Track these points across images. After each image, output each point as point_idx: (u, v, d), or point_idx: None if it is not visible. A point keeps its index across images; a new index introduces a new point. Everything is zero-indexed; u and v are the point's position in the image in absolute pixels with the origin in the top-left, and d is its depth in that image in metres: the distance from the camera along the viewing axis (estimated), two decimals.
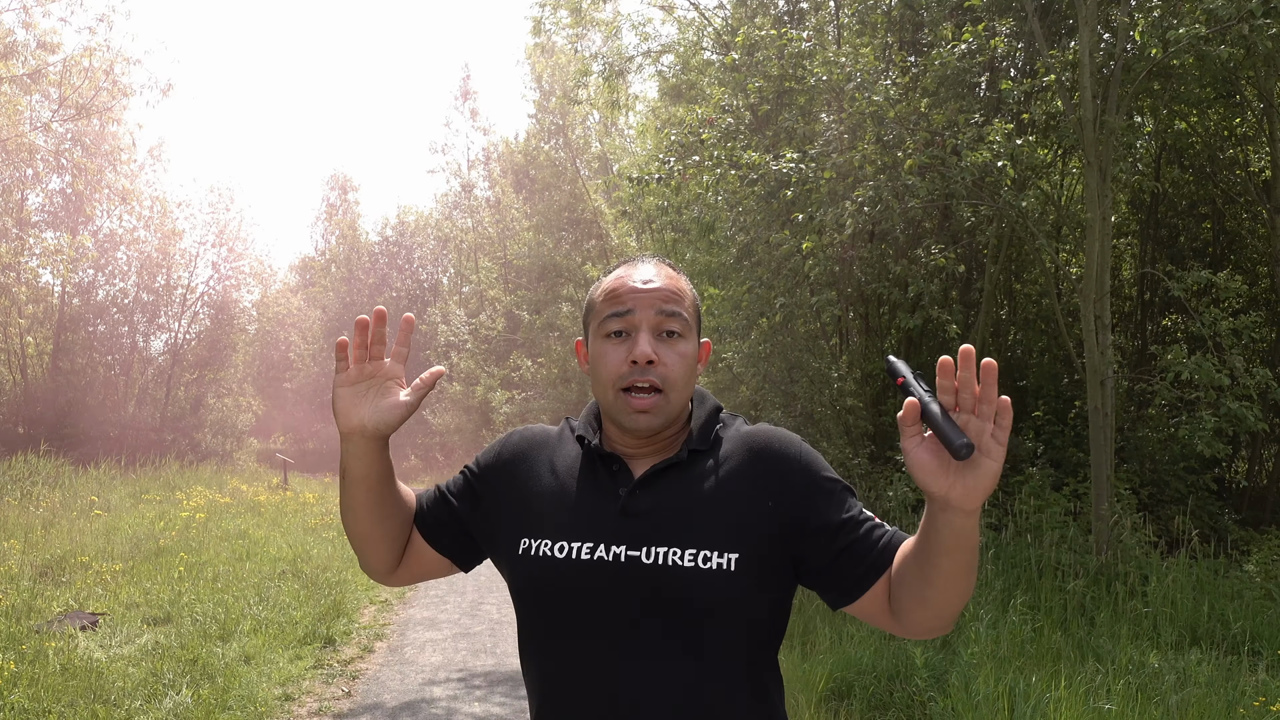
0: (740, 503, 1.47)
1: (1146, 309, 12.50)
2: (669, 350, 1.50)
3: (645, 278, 1.53)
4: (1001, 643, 5.88)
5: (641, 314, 1.50)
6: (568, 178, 23.93)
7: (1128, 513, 7.92)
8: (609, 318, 1.52)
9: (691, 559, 1.42)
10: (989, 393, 1.08)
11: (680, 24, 14.92)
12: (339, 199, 44.49)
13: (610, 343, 1.51)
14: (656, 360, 1.47)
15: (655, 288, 1.52)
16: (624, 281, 1.54)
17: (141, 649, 6.13)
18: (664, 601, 1.42)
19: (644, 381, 1.48)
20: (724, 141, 9.83)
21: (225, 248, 26.69)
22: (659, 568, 1.42)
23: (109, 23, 16.03)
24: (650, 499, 1.49)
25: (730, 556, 1.42)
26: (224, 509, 13.48)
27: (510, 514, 1.58)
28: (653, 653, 1.42)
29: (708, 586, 1.41)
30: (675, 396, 1.50)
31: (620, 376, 1.49)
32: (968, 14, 9.11)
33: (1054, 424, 10.34)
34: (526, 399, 23.04)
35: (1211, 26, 7.15)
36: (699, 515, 1.46)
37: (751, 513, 1.46)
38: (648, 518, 1.47)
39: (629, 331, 1.51)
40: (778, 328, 9.78)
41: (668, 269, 1.58)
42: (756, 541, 1.44)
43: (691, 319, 1.55)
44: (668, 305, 1.51)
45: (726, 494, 1.48)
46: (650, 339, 1.49)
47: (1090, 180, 8.07)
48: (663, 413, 1.49)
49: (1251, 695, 5.13)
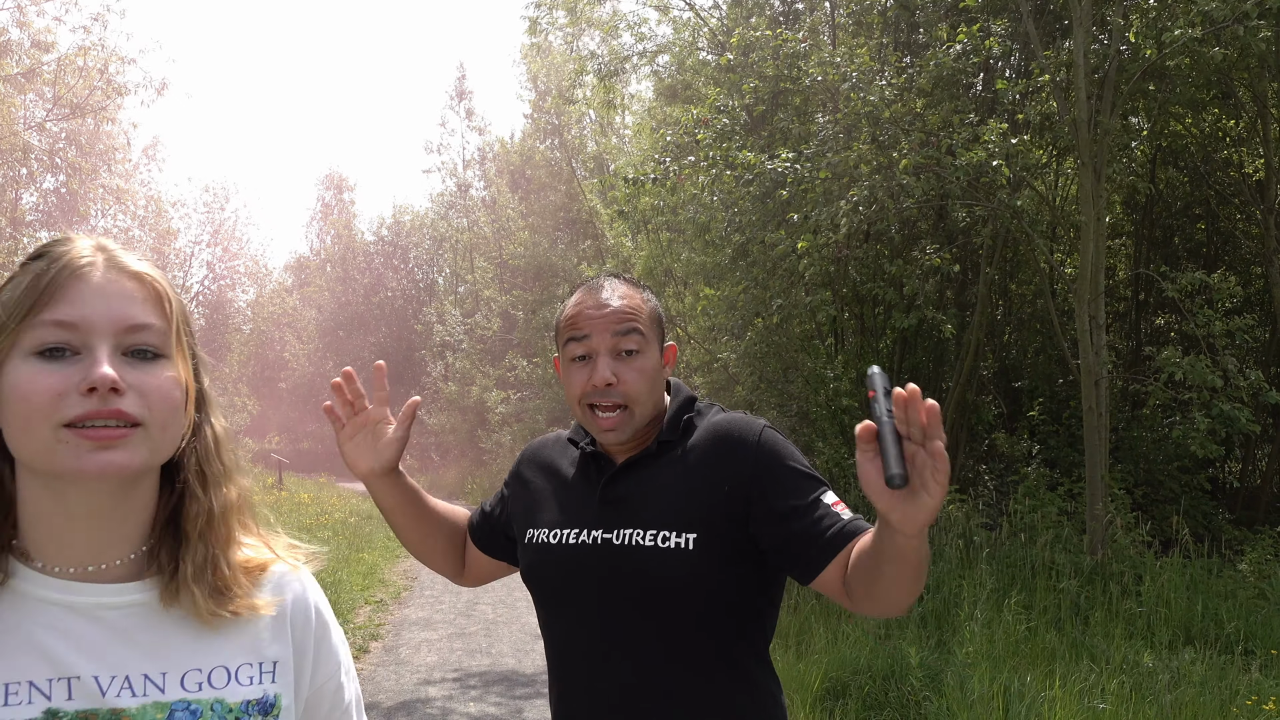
0: (701, 486, 1.59)
1: (1141, 309, 12.53)
2: (628, 368, 1.62)
3: (600, 302, 1.65)
4: (996, 642, 5.90)
5: (598, 338, 1.62)
6: (563, 178, 23.94)
7: (1122, 512, 7.94)
8: (569, 342, 1.66)
9: (652, 539, 1.56)
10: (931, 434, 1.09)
11: (676, 24, 14.93)
12: (334, 199, 44.46)
13: (574, 365, 1.65)
14: (616, 381, 1.60)
15: (610, 310, 1.63)
16: (581, 309, 1.66)
17: None
18: (629, 577, 1.57)
19: (607, 402, 1.61)
20: (719, 142, 9.84)
21: (220, 247, 26.70)
22: (626, 548, 1.58)
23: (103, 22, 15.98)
24: (624, 487, 1.65)
25: (689, 536, 1.54)
26: None
27: (523, 511, 1.78)
28: (627, 627, 1.57)
29: (666, 564, 1.54)
30: (639, 409, 1.63)
31: (585, 394, 1.63)
32: (963, 14, 9.13)
33: (1049, 424, 10.36)
34: (522, 399, 23.03)
35: (1206, 28, 7.17)
36: (663, 499, 1.60)
37: (711, 495, 1.57)
38: (620, 504, 1.63)
39: (589, 355, 1.63)
40: (773, 328, 9.79)
41: (624, 287, 1.69)
42: (715, 522, 1.55)
43: (650, 332, 1.66)
44: (622, 325, 1.62)
45: (689, 479, 1.60)
46: (609, 361, 1.61)
47: (1085, 181, 8.09)
48: (628, 426, 1.62)
49: (1245, 694, 5.15)
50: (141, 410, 0.88)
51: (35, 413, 0.85)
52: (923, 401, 1.07)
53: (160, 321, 0.92)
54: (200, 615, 0.95)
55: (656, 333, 1.69)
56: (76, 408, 0.85)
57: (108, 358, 0.87)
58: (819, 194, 8.36)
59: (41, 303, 0.87)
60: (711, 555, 1.54)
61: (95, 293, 0.89)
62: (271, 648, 1.00)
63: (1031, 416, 10.48)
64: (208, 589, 0.96)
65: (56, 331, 0.87)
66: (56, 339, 0.87)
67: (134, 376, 0.89)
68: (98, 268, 0.91)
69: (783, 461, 1.57)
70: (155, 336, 0.92)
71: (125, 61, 18.76)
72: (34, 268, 0.90)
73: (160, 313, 0.93)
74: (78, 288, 0.89)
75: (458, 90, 34.81)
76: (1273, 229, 9.78)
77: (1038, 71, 8.47)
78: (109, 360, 0.87)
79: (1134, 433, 9.88)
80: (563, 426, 10.37)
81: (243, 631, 0.99)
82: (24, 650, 0.88)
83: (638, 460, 1.66)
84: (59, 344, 0.87)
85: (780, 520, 1.52)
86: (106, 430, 0.86)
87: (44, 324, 0.87)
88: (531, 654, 6.68)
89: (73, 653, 0.89)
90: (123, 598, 0.94)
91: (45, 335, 0.87)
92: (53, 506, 0.91)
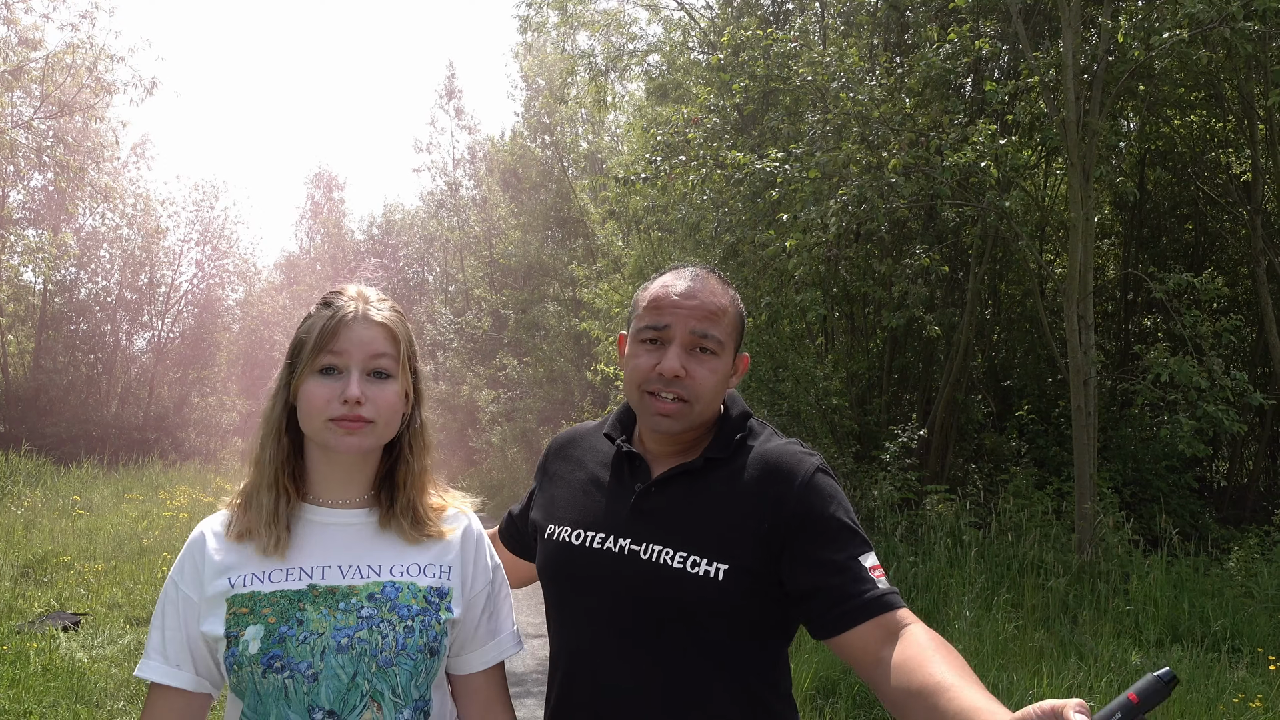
0: (740, 517, 1.51)
1: (1129, 309, 12.59)
2: (699, 365, 1.57)
3: (689, 291, 1.59)
4: (985, 641, 5.92)
5: (677, 328, 1.57)
6: (554, 176, 23.90)
7: (1110, 511, 7.98)
8: (646, 325, 1.60)
9: (681, 561, 1.50)
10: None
11: (667, 24, 14.94)
12: (324, 197, 44.31)
13: (644, 347, 1.60)
14: (684, 375, 1.55)
15: (696, 303, 1.58)
16: (667, 292, 1.60)
17: (124, 649, 6.10)
18: (651, 596, 1.51)
19: (669, 392, 1.56)
20: (710, 141, 9.84)
21: (209, 245, 26.57)
22: (652, 565, 1.51)
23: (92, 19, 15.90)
24: (661, 499, 1.58)
25: (720, 566, 1.48)
26: (208, 508, 13.39)
27: (546, 505, 1.76)
28: (640, 642, 1.52)
29: (692, 590, 1.48)
30: (700, 408, 1.58)
31: (646, 380, 1.58)
32: (953, 15, 9.15)
33: (1037, 423, 10.40)
34: (512, 398, 22.99)
35: (1193, 29, 7.20)
36: (699, 522, 1.53)
37: (748, 529, 1.50)
38: (654, 517, 1.57)
39: (662, 341, 1.58)
40: (763, 327, 9.80)
41: (713, 283, 1.63)
42: (748, 557, 1.48)
43: (728, 336, 1.61)
44: (703, 324, 1.57)
45: (730, 506, 1.53)
46: (681, 353, 1.56)
47: (1074, 181, 8.13)
48: (685, 419, 1.57)
49: (1232, 692, 5.18)
50: (373, 413, 1.46)
51: (316, 411, 1.45)
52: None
53: (391, 352, 1.49)
54: (404, 535, 1.54)
55: (735, 338, 1.64)
56: (337, 410, 1.44)
57: (357, 380, 1.45)
58: (809, 194, 8.37)
59: (323, 342, 1.46)
60: (739, 588, 1.48)
61: (354, 337, 1.46)
62: (446, 558, 1.55)
63: (1020, 416, 10.52)
64: (410, 520, 1.54)
65: (331, 359, 1.46)
66: (330, 364, 1.46)
67: (372, 391, 1.46)
68: (358, 318, 1.47)
69: (828, 510, 1.49)
70: (388, 363, 1.49)
71: (114, 60, 18.65)
72: (324, 314, 1.48)
73: (393, 346, 1.49)
74: (344, 333, 1.46)
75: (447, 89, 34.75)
76: (1259, 230, 9.83)
77: (1026, 72, 8.50)
78: (358, 381, 1.45)
79: (1122, 432, 9.93)
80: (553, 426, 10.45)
81: (430, 547, 1.55)
82: (301, 550, 1.49)
83: (680, 473, 1.59)
84: (331, 366, 1.46)
85: (812, 571, 1.45)
86: (352, 424, 1.45)
87: (325, 354, 1.46)
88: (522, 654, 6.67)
89: (328, 551, 1.50)
90: (357, 518, 1.54)
91: (325, 361, 1.46)
92: (324, 465, 1.53)
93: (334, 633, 1.42)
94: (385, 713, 1.43)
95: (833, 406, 9.80)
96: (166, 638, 1.46)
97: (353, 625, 1.43)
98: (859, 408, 10.77)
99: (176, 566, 1.51)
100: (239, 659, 1.40)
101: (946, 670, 1.27)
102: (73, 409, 22.01)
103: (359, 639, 1.43)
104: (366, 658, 1.42)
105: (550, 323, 21.45)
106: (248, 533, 1.49)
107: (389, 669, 1.44)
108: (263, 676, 1.39)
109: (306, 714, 1.40)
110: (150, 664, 1.46)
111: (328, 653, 1.41)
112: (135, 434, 23.02)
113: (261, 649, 1.39)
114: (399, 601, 1.47)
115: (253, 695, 1.41)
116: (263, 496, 1.50)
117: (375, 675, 1.43)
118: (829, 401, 9.76)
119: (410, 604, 1.48)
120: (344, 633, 1.42)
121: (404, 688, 1.45)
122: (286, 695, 1.40)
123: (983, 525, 8.38)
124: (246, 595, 1.44)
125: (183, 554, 1.52)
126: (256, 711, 1.42)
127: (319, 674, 1.40)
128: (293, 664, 1.39)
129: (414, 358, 1.56)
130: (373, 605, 1.46)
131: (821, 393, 9.72)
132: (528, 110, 25.76)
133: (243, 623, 1.41)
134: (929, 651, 1.31)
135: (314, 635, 1.41)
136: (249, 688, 1.41)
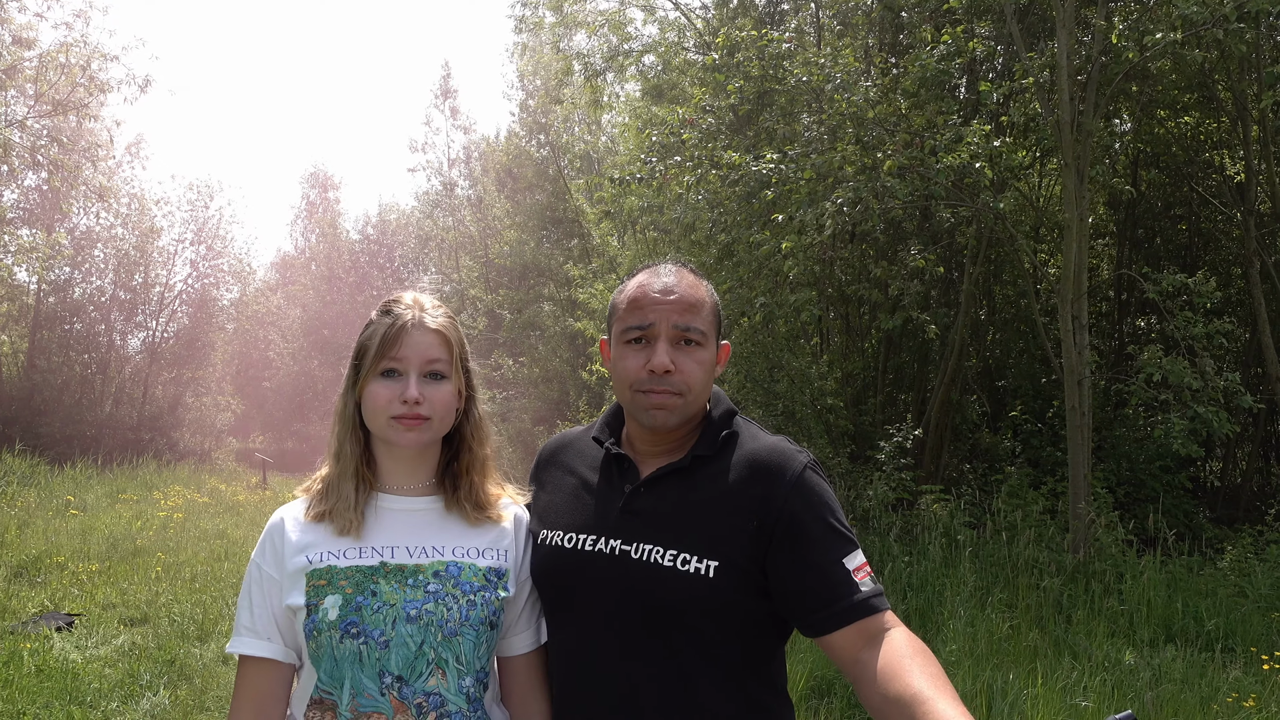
0: (729, 514, 1.53)
1: (1123, 310, 12.62)
2: (687, 358, 1.59)
3: (666, 287, 1.62)
4: (979, 640, 5.93)
5: (661, 324, 1.59)
6: (550, 176, 23.87)
7: (1104, 511, 8.00)
8: (630, 325, 1.62)
9: (672, 560, 1.52)
10: None
11: (662, 24, 14.93)
12: (319, 197, 44.19)
13: (630, 348, 1.62)
14: (674, 369, 1.57)
15: (675, 298, 1.60)
16: (646, 291, 1.63)
17: (118, 650, 6.08)
18: (643, 595, 1.52)
19: (661, 388, 1.58)
20: (705, 142, 9.84)
21: (204, 245, 26.47)
22: (644, 564, 1.53)
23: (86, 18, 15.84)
24: (651, 499, 1.60)
25: (710, 564, 1.50)
26: (202, 509, 13.39)
27: (540, 512, 1.77)
28: (635, 642, 1.53)
29: (683, 587, 1.50)
30: (693, 399, 1.60)
31: (638, 380, 1.60)
32: (947, 16, 9.17)
33: (1032, 423, 10.42)
34: (508, 398, 22.95)
35: (1186, 30, 7.22)
36: (689, 520, 1.55)
37: (738, 526, 1.52)
38: (644, 517, 1.59)
39: (648, 339, 1.60)
40: (758, 327, 9.81)
41: (689, 276, 1.66)
42: (738, 554, 1.50)
43: (710, 327, 1.64)
44: (686, 316, 1.60)
45: (719, 504, 1.55)
46: (668, 348, 1.58)
47: (1068, 182, 8.14)
48: (680, 412, 1.60)
49: (1225, 691, 5.20)
50: (430, 412, 1.61)
51: (380, 410, 1.61)
52: None
53: (445, 356, 1.64)
54: (467, 518, 1.69)
55: (716, 328, 1.67)
56: (399, 410, 1.60)
57: (415, 382, 1.60)
58: (804, 195, 8.38)
59: (384, 349, 1.61)
60: (730, 585, 1.49)
61: (411, 343, 1.61)
62: (503, 542, 1.70)
63: (1015, 416, 10.54)
64: (472, 504, 1.70)
65: (391, 363, 1.61)
66: (391, 367, 1.61)
67: (428, 391, 1.61)
68: (415, 325, 1.62)
69: (815, 510, 1.51)
70: (443, 366, 1.64)
71: (108, 58, 18.58)
72: (384, 321, 1.63)
73: (447, 351, 1.64)
74: (403, 338, 1.61)
75: (443, 89, 34.61)
76: (1253, 231, 9.86)
77: (1021, 73, 8.52)
78: (415, 383, 1.60)
79: (1116, 432, 9.95)
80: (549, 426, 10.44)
81: (489, 531, 1.71)
82: (374, 532, 1.63)
83: (668, 473, 1.61)
84: (392, 368, 1.61)
85: (796, 573, 1.47)
86: (412, 421, 1.60)
87: (386, 359, 1.61)
88: None
89: (396, 533, 1.64)
90: (423, 504, 1.70)
91: (385, 365, 1.61)
92: (388, 457, 1.69)
93: (405, 604, 1.56)
94: (449, 679, 1.57)
95: (828, 406, 9.81)
96: (255, 614, 1.60)
97: (421, 598, 1.57)
98: (854, 408, 10.78)
99: (258, 550, 1.65)
100: (319, 625, 1.54)
101: (924, 682, 1.30)
102: (67, 409, 21.91)
103: (427, 610, 1.56)
104: (434, 628, 1.56)
105: (546, 323, 21.45)
106: (326, 515, 1.64)
107: (454, 639, 1.57)
108: (340, 642, 1.53)
109: (378, 679, 1.54)
110: (242, 640, 1.60)
111: (399, 622, 1.55)
112: (129, 434, 22.94)
113: (340, 616, 1.53)
114: (462, 579, 1.61)
115: (329, 660, 1.55)
116: (344, 485, 1.65)
117: (441, 644, 1.56)
118: (824, 401, 9.77)
119: (472, 581, 1.62)
120: (413, 604, 1.56)
121: (467, 657, 1.58)
122: (360, 660, 1.53)
123: (977, 525, 8.39)
124: (324, 569, 1.58)
125: (263, 538, 1.67)
126: (333, 676, 1.55)
127: (390, 641, 1.54)
128: (368, 631, 1.53)
129: (466, 358, 1.71)
130: (438, 581, 1.60)
131: (816, 392, 9.73)
132: (524, 110, 25.73)
133: (321, 593, 1.56)
134: (907, 660, 1.35)
135: (386, 606, 1.55)
136: (326, 653, 1.54)
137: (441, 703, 1.56)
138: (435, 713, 1.55)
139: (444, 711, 1.56)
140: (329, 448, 1.71)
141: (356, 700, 1.54)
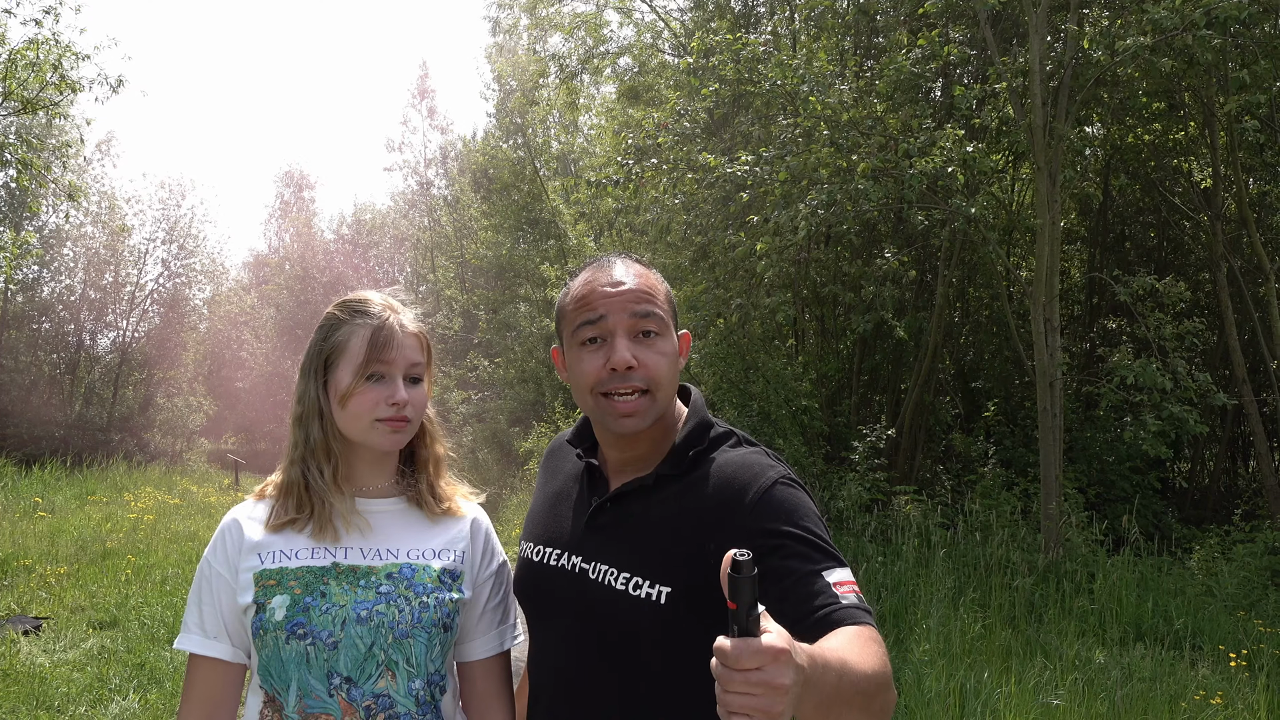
0: (686, 536, 1.41)
1: (1095, 312, 12.76)
2: (649, 351, 1.47)
3: (615, 280, 1.50)
4: (952, 640, 5.97)
5: (615, 318, 1.47)
6: (526, 177, 23.82)
7: (1075, 512, 8.08)
8: (582, 325, 1.50)
9: (624, 583, 1.43)
10: None
11: (638, 26, 14.94)
12: (294, 196, 43.87)
13: (586, 350, 1.49)
14: (637, 364, 1.45)
15: (626, 289, 1.49)
16: (593, 286, 1.50)
17: (87, 653, 6.01)
18: (600, 619, 1.46)
19: (626, 387, 1.46)
20: (680, 145, 9.86)
21: (176, 244, 26.19)
22: (598, 585, 1.47)
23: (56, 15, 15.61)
24: (613, 516, 1.52)
25: (662, 589, 1.39)
26: (173, 510, 13.24)
27: (527, 518, 1.74)
28: (596, 662, 1.47)
29: (633, 613, 1.41)
30: (661, 395, 1.49)
31: (599, 382, 1.47)
32: (922, 20, 9.24)
33: (1005, 425, 10.52)
34: (483, 399, 22.89)
35: (1156, 36, 7.31)
36: (645, 542, 1.45)
37: (694, 549, 1.39)
38: (605, 534, 1.51)
39: (604, 337, 1.48)
40: (734, 328, 9.84)
41: (637, 266, 1.55)
42: (695, 577, 1.36)
43: (668, 314, 1.52)
44: (641, 306, 1.48)
45: (678, 524, 1.43)
46: (627, 343, 1.46)
47: (1040, 186, 8.23)
48: (649, 413, 1.48)
49: (1193, 689, 5.27)
50: (413, 414, 1.63)
51: (364, 413, 1.61)
52: None
53: (424, 359, 1.67)
54: (430, 513, 1.70)
55: (673, 315, 1.55)
56: (385, 412, 1.61)
57: (401, 385, 1.62)
58: (779, 196, 8.42)
59: (374, 353, 1.61)
60: (681, 611, 1.38)
61: (397, 347, 1.63)
62: (458, 545, 1.70)
63: (988, 417, 10.63)
64: (435, 497, 1.72)
65: (380, 367, 1.61)
66: (377, 371, 1.62)
67: (411, 394, 1.63)
68: (400, 328, 1.64)
69: (785, 524, 1.34)
70: (420, 370, 1.66)
71: (80, 57, 18.36)
72: (365, 323, 1.64)
73: (425, 354, 1.68)
74: (393, 342, 1.62)
75: (420, 89, 34.45)
76: (1220, 235, 10.00)
77: (994, 77, 8.59)
78: (402, 387, 1.62)
79: (1087, 433, 10.06)
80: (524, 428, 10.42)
81: (446, 531, 1.70)
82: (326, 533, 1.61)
83: (633, 489, 1.51)
84: (379, 373, 1.62)
85: (763, 588, 1.29)
86: (398, 424, 1.61)
87: (376, 363, 1.61)
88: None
89: (351, 535, 1.63)
90: (381, 505, 1.69)
91: (374, 369, 1.61)
92: (358, 459, 1.68)
93: (354, 605, 1.55)
94: (399, 681, 1.56)
95: (803, 408, 9.85)
96: (204, 613, 1.60)
97: (372, 600, 1.56)
98: (829, 409, 10.84)
99: (210, 548, 1.65)
100: (265, 624, 1.53)
101: (841, 640, 1.19)
102: (35, 409, 21.60)
103: (377, 612, 1.56)
104: (384, 629, 1.55)
105: (522, 323, 21.38)
106: (281, 515, 1.64)
107: (404, 640, 1.56)
108: (286, 642, 1.52)
109: (325, 680, 1.53)
110: (190, 637, 1.60)
111: (348, 623, 1.54)
112: (99, 435, 22.64)
113: (286, 616, 1.53)
114: (415, 580, 1.61)
115: (276, 661, 1.54)
116: (331, 492, 1.64)
117: (391, 646, 1.56)
118: (799, 403, 9.81)
119: (425, 583, 1.61)
120: (364, 605, 1.55)
121: (418, 659, 1.58)
122: (308, 661, 1.53)
123: (950, 526, 8.46)
124: (275, 570, 1.58)
125: (215, 537, 1.66)
126: (279, 678, 1.54)
127: (339, 643, 1.53)
128: (315, 632, 1.53)
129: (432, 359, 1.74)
130: (391, 583, 1.59)
131: (792, 393, 9.78)
132: (500, 111, 25.65)
133: (270, 593, 1.55)
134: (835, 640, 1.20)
135: (336, 607, 1.55)
136: (273, 653, 1.54)
137: (390, 704, 1.55)
138: (384, 714, 1.54)
139: (393, 714, 1.55)
140: (294, 451, 1.68)
141: (304, 701, 1.53)
